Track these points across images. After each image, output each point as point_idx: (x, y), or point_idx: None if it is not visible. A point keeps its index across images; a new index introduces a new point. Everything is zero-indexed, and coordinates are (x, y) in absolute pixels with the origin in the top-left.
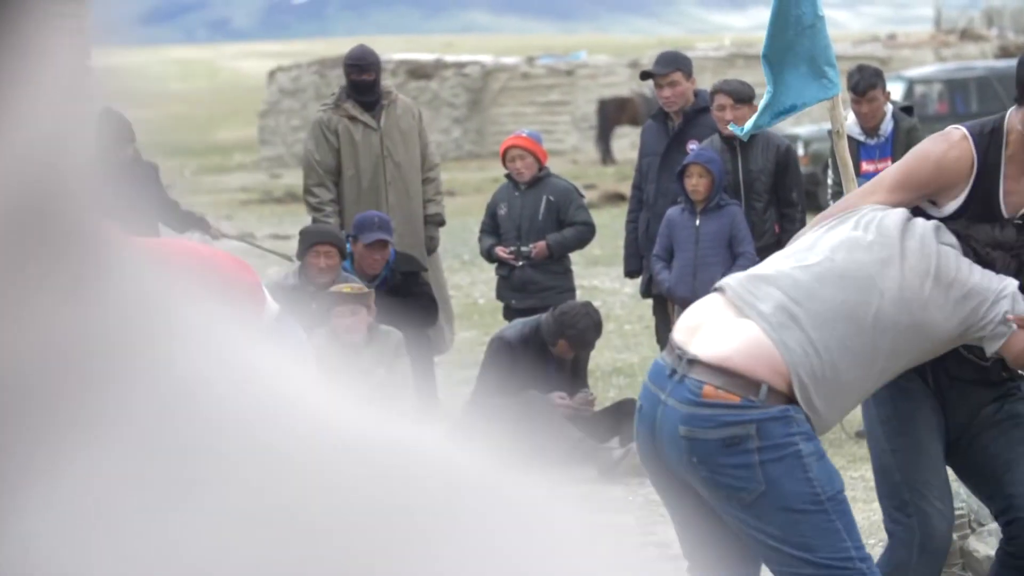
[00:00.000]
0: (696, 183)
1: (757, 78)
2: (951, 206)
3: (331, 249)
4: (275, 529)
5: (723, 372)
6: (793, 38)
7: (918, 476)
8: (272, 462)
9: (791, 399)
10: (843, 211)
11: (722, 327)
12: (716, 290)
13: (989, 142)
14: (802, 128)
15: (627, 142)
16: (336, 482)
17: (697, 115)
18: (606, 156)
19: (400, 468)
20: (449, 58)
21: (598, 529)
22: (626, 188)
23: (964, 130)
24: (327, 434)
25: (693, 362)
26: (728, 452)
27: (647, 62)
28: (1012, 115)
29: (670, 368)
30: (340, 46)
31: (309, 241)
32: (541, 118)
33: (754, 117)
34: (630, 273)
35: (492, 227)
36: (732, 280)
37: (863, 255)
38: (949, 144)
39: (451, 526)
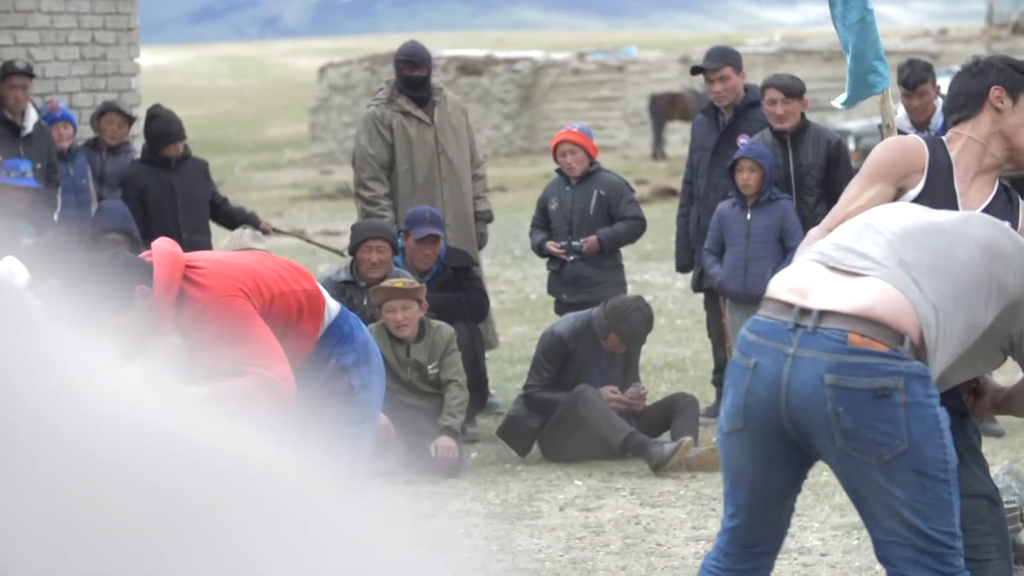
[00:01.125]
0: (747, 177)
1: (808, 73)
2: (911, 194)
3: (383, 244)
4: (67, 513)
5: (867, 321)
6: (843, 34)
7: None
8: (64, 452)
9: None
10: (838, 220)
11: (843, 284)
12: (808, 259)
13: (935, 143)
14: (853, 123)
15: (678, 137)
16: (125, 472)
17: (747, 109)
18: (659, 151)
19: (186, 461)
20: (500, 54)
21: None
22: (677, 183)
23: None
24: (118, 425)
25: (825, 314)
26: (878, 404)
27: (698, 57)
28: (949, 132)
29: (791, 323)
30: (390, 42)
31: (361, 236)
32: (592, 114)
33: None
34: (681, 268)
35: (543, 222)
36: (825, 248)
37: (941, 227)
38: (903, 137)
39: (232, 517)
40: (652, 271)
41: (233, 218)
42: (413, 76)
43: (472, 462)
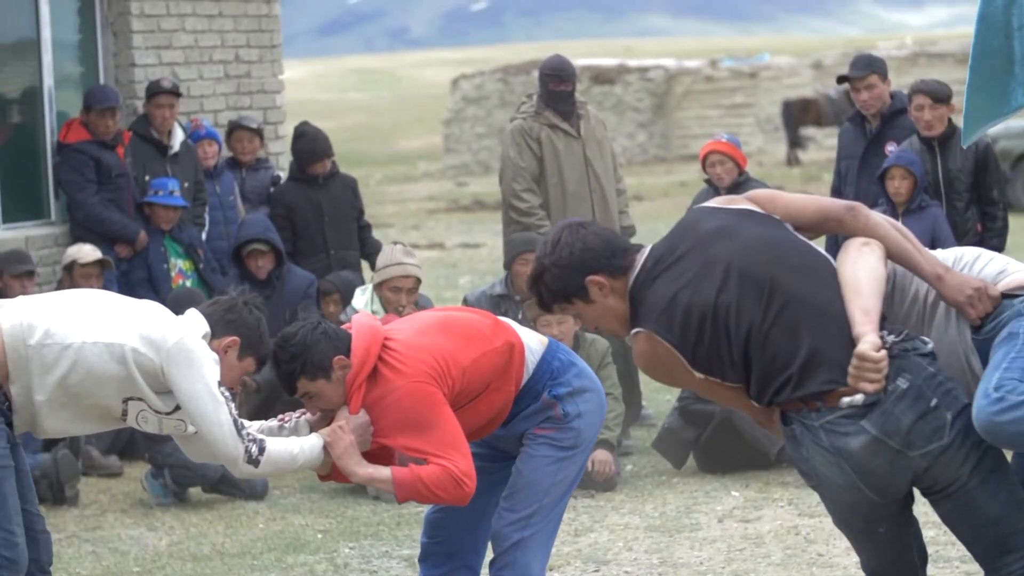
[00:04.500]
0: (899, 185)
1: (941, 76)
2: None
3: None
4: None
5: None
6: (1003, 43)
7: None
8: None
9: None
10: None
11: None
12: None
13: None
14: None
15: (812, 143)
16: None
17: (894, 117)
18: (794, 157)
19: None
20: (632, 63)
21: None
22: (813, 188)
23: None
24: None
25: None
26: None
27: (830, 63)
28: None
29: None
30: (520, 52)
31: (516, 250)
32: (725, 120)
33: (966, 127)
34: None
35: None
36: None
37: None
38: None
39: None
40: None
41: (368, 252)
42: (559, 90)
43: (628, 475)
